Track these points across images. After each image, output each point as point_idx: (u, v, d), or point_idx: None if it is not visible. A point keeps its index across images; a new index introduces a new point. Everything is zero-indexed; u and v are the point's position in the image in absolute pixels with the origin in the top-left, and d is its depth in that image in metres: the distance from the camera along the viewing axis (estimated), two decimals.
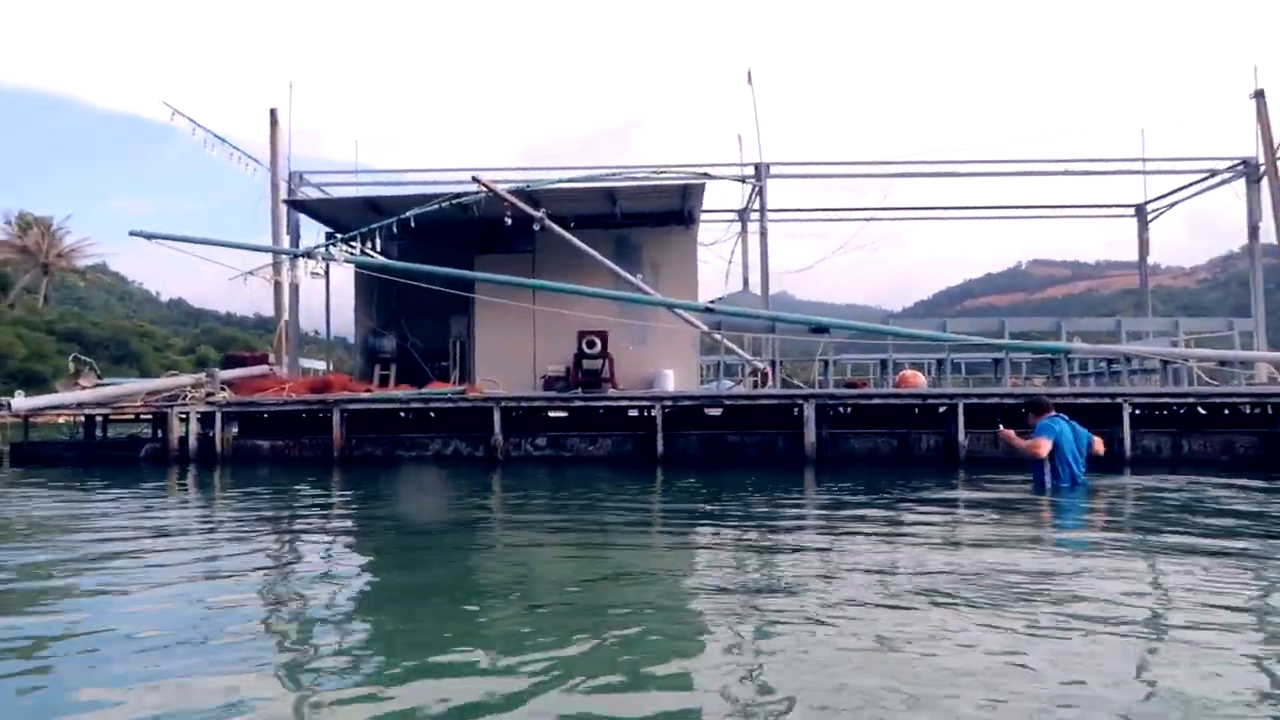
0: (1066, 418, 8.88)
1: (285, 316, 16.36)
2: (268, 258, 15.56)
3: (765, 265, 17.17)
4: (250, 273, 14.55)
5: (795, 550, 5.89)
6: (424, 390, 13.67)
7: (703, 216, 19.86)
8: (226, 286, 14.32)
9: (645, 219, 18.08)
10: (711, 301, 15.59)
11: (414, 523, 7.70)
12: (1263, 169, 16.75)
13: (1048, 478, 8.61)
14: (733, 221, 21.15)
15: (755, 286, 19.12)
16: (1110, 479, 10.16)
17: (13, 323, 51.34)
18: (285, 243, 17.22)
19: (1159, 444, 12.60)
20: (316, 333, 28.76)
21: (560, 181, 16.71)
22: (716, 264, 20.53)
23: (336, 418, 12.84)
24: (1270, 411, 12.62)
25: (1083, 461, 8.77)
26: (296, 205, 16.91)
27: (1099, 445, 8.98)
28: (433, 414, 13.69)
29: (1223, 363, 14.79)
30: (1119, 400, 12.39)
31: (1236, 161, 17.40)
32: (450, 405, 13.21)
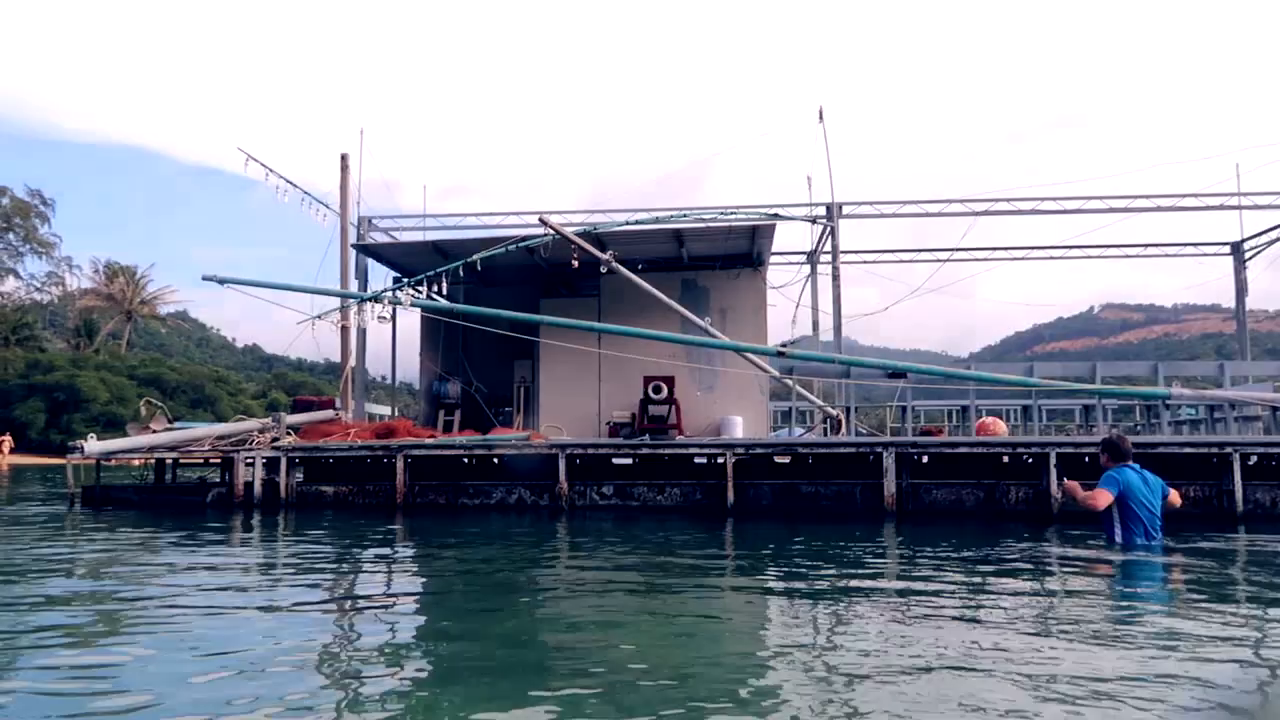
0: (1138, 467, 8.25)
1: (352, 361, 16.31)
2: (335, 302, 15.55)
3: (838, 308, 16.64)
4: (318, 317, 14.54)
5: (883, 627, 5.32)
6: (488, 436, 13.39)
7: (772, 259, 19.46)
8: (296, 331, 14.32)
9: (713, 261, 17.74)
10: (782, 345, 15.07)
11: (476, 580, 7.30)
12: None
13: (1118, 533, 8.04)
14: (802, 264, 20.71)
15: (824, 329, 18.57)
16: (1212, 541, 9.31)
17: (96, 368, 53.09)
18: (354, 287, 17.29)
19: (1274, 498, 11.63)
20: (383, 378, 28.94)
21: (627, 224, 16.48)
22: (785, 307, 20.06)
23: (400, 464, 12.60)
24: None
25: (1159, 515, 8.08)
26: (364, 250, 16.96)
27: (1175, 498, 8.30)
28: (496, 460, 13.38)
29: None
30: (1229, 450, 11.48)
31: None
32: (514, 452, 12.87)
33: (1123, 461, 8.21)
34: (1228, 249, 20.52)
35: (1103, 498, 7.98)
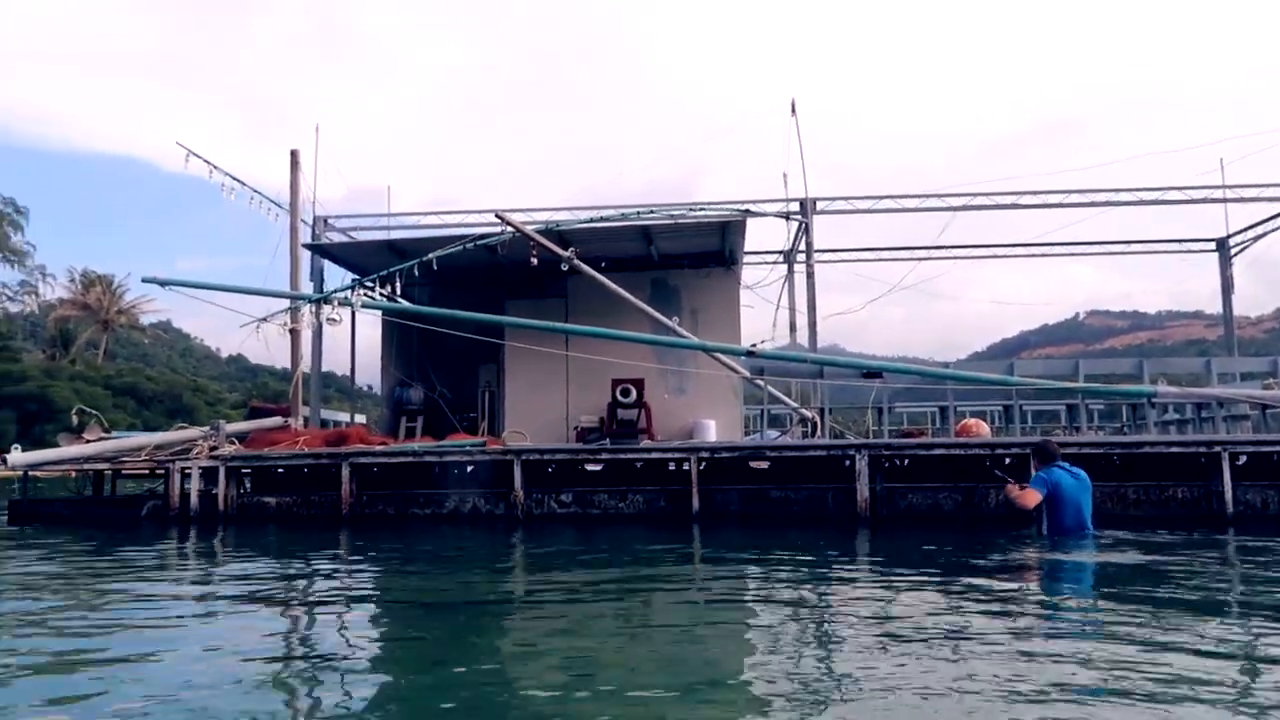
0: (1068, 465, 8.90)
1: (304, 366, 15.58)
2: (286, 304, 14.84)
3: (813, 306, 16.00)
4: (263, 319, 13.82)
5: (844, 643, 4.69)
6: (441, 443, 12.71)
7: (746, 258, 18.84)
8: (263, 336, 13.58)
9: (684, 260, 17.10)
10: (753, 345, 14.43)
11: (419, 599, 6.64)
12: None
13: (1045, 526, 8.75)
14: (778, 263, 20.09)
15: (803, 331, 17.96)
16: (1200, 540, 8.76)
17: (71, 378, 52.13)
18: (310, 289, 16.58)
19: (1265, 498, 11.04)
20: (369, 386, 28.21)
21: (592, 221, 15.84)
22: (762, 309, 19.43)
23: (345, 473, 11.91)
24: None
25: (1088, 509, 8.75)
26: (317, 249, 16.27)
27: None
28: (456, 470, 12.71)
29: None
30: (1218, 449, 10.90)
31: None
32: (468, 459, 12.20)
33: (1051, 462, 8.87)
34: (1213, 245, 20.00)
35: (1032, 497, 8.66)
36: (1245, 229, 19.25)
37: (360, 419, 20.47)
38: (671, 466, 12.54)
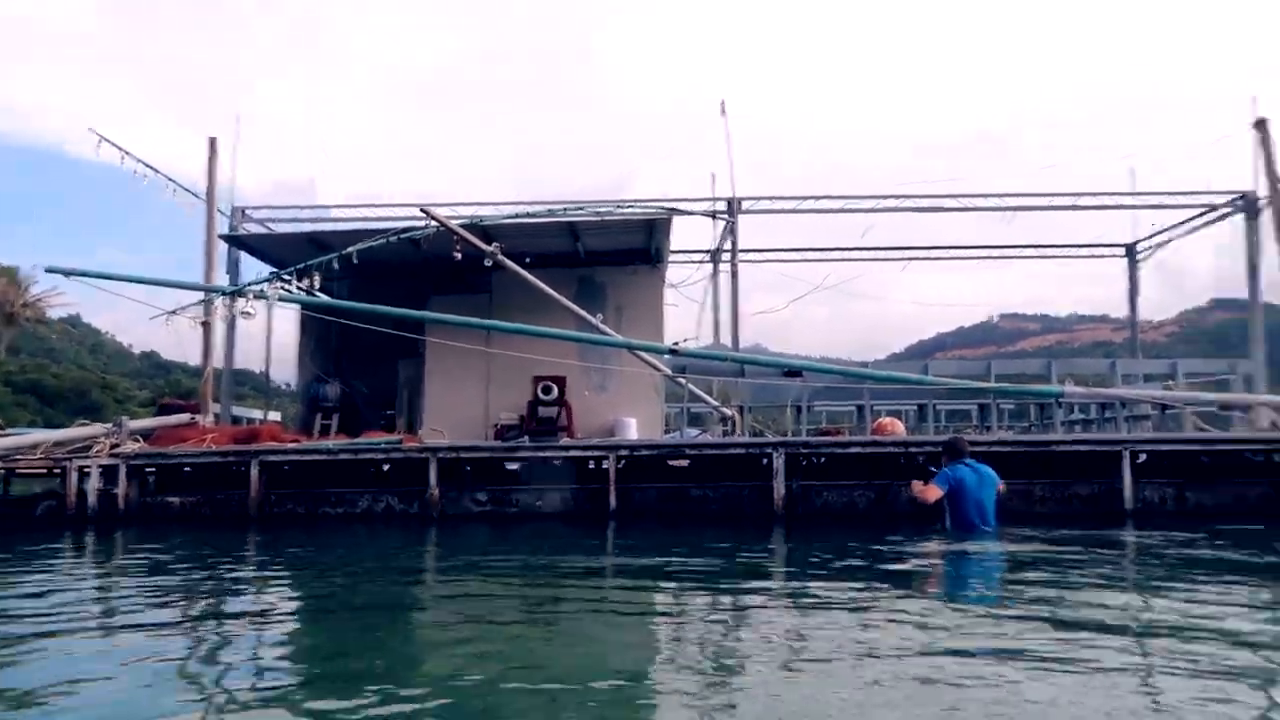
0: (973, 463, 9.14)
1: (216, 361, 15.10)
2: (198, 296, 14.35)
3: (736, 305, 16.16)
4: (173, 312, 13.33)
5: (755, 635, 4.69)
6: (354, 440, 12.43)
7: (673, 257, 18.89)
8: (178, 331, 13.06)
9: (610, 258, 17.06)
10: (676, 343, 14.45)
11: (327, 599, 6.47)
12: (1260, 203, 15.87)
13: (949, 521, 9.04)
14: (704, 262, 20.18)
15: (726, 331, 18.07)
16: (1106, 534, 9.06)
17: None
18: (226, 282, 16.07)
19: (1162, 495, 11.44)
20: (280, 384, 27.54)
21: (518, 216, 15.70)
22: (687, 308, 19.47)
23: (255, 471, 11.56)
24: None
25: (991, 505, 8.97)
26: (233, 241, 15.81)
27: (1001, 487, 9.23)
28: (372, 469, 12.44)
29: (1224, 407, 13.72)
30: (1119, 448, 11.25)
31: (1235, 195, 16.52)
32: (382, 457, 11.95)
33: (959, 459, 9.12)
34: (1122, 250, 20.71)
35: (932, 493, 8.99)
36: (1151, 235, 19.98)
37: (275, 416, 19.96)
38: (591, 465, 12.47)
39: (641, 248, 16.91)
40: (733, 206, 17.15)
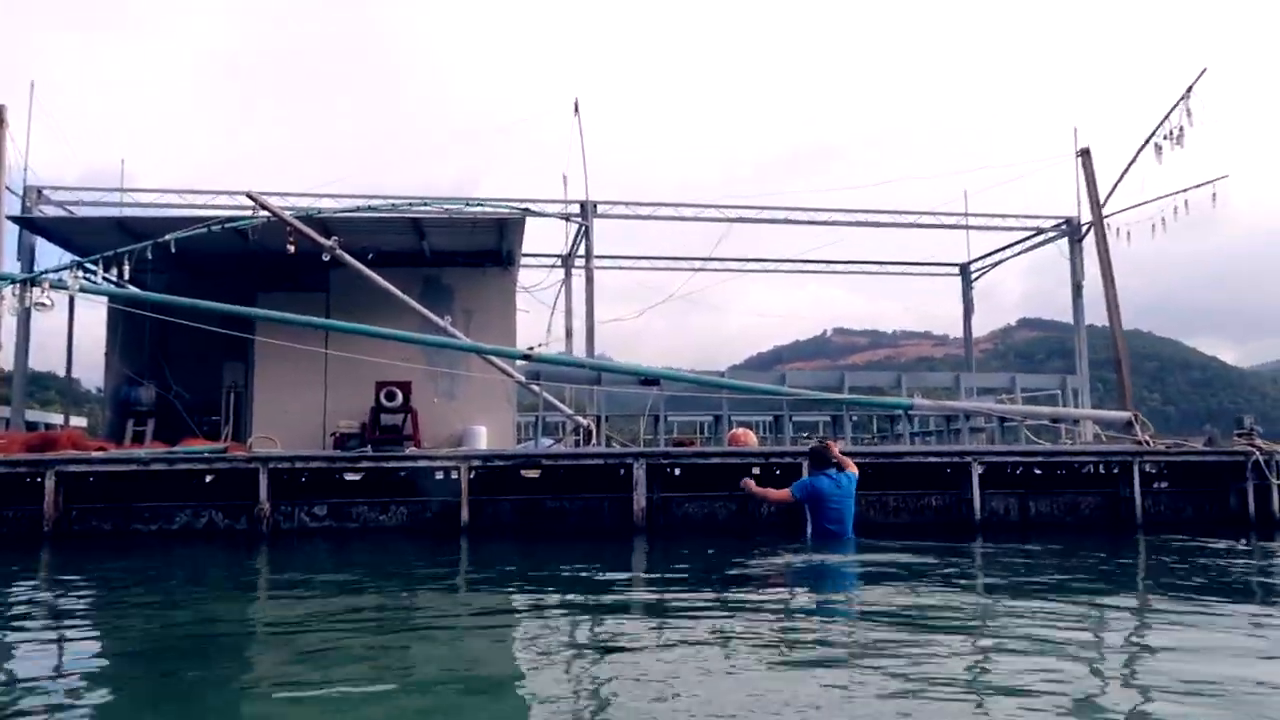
0: (833, 472, 9.25)
1: (6, 361, 13.30)
2: None
3: (591, 312, 15.72)
4: None
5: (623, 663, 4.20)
6: (172, 449, 11.16)
7: (524, 261, 18.28)
8: None
9: (458, 258, 16.28)
10: (530, 348, 13.87)
11: (127, 638, 5.50)
12: (1083, 228, 16.86)
13: (809, 531, 9.22)
14: (555, 266, 19.66)
15: (578, 337, 17.62)
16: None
17: None
18: (15, 270, 14.23)
19: (1007, 505, 11.76)
20: (89, 389, 24.98)
21: (359, 210, 14.68)
22: (537, 313, 18.87)
23: (50, 483, 10.13)
24: (1116, 470, 12.10)
25: (849, 512, 9.16)
26: (25, 223, 14.02)
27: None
28: (194, 480, 11.17)
29: (1056, 420, 14.41)
30: (968, 459, 11.51)
31: (1060, 220, 17.51)
32: (204, 467, 10.77)
33: (822, 469, 9.27)
34: (956, 270, 21.67)
35: (776, 494, 9.40)
36: (984, 256, 20.97)
37: (80, 422, 17.99)
38: (439, 475, 11.68)
39: (492, 249, 16.23)
40: (586, 209, 16.72)
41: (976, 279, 21.18)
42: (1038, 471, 12.56)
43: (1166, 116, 13.06)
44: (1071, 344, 17.90)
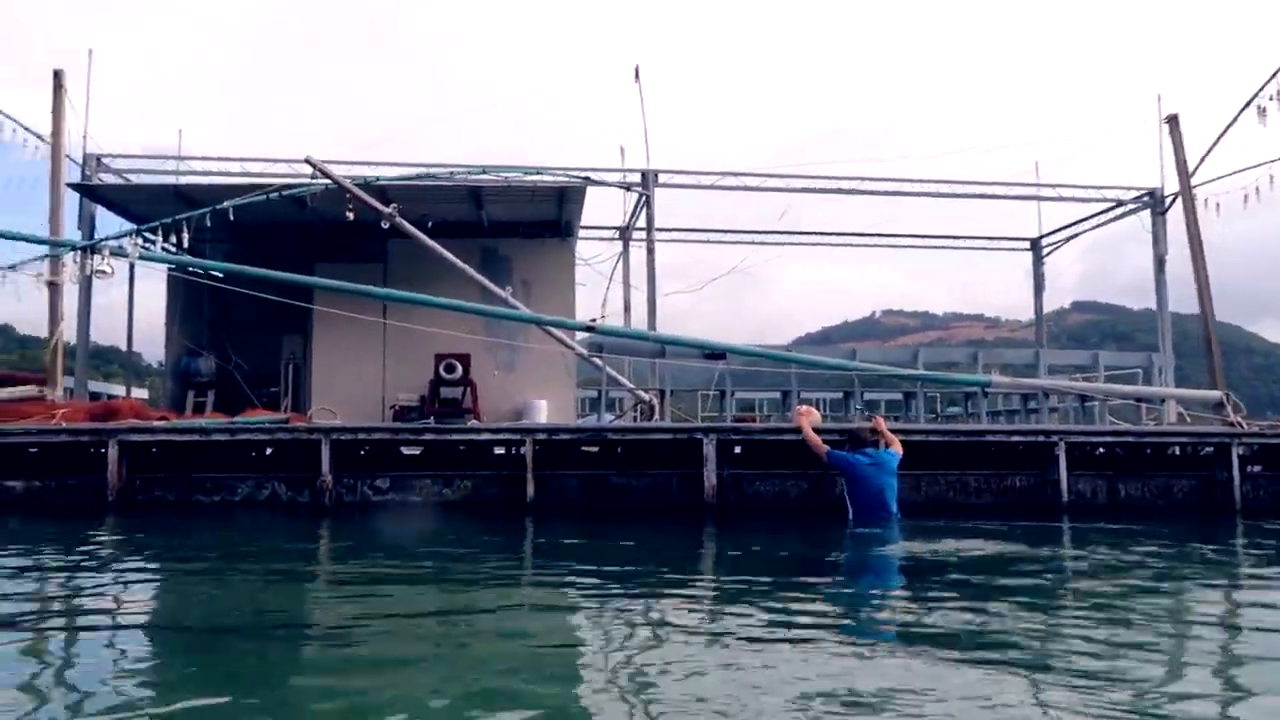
0: (872, 452, 9.31)
1: (62, 326, 13.22)
2: (41, 251, 12.51)
3: (652, 283, 15.30)
4: (12, 267, 11.50)
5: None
6: (233, 420, 10.99)
7: (583, 234, 17.89)
8: (21, 290, 11.29)
9: (517, 228, 15.94)
10: (593, 319, 13.49)
11: (194, 614, 5.26)
12: (1168, 200, 16.01)
13: (851, 515, 9.23)
14: (612, 239, 19.23)
15: (638, 312, 17.22)
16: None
17: None
18: (76, 238, 14.16)
19: (1095, 488, 11.18)
20: (151, 363, 25.24)
21: (418, 178, 14.38)
22: (594, 286, 18.50)
23: (113, 452, 10.01)
24: (1206, 452, 11.44)
25: (891, 492, 9.12)
26: (85, 191, 13.93)
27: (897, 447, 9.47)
28: (254, 452, 11.01)
29: (1141, 400, 13.72)
30: (1054, 439, 10.93)
31: (1143, 192, 16.64)
32: (266, 438, 10.58)
33: (859, 449, 9.33)
34: (1027, 245, 20.84)
35: (816, 446, 9.51)
36: (1054, 231, 20.12)
37: (141, 394, 18.05)
38: (499, 450, 11.38)
39: (551, 219, 15.87)
40: (647, 179, 16.24)
41: (1048, 254, 20.37)
42: (1119, 452, 11.95)
43: (1273, 76, 12.21)
44: (1125, 328, 17.27)
